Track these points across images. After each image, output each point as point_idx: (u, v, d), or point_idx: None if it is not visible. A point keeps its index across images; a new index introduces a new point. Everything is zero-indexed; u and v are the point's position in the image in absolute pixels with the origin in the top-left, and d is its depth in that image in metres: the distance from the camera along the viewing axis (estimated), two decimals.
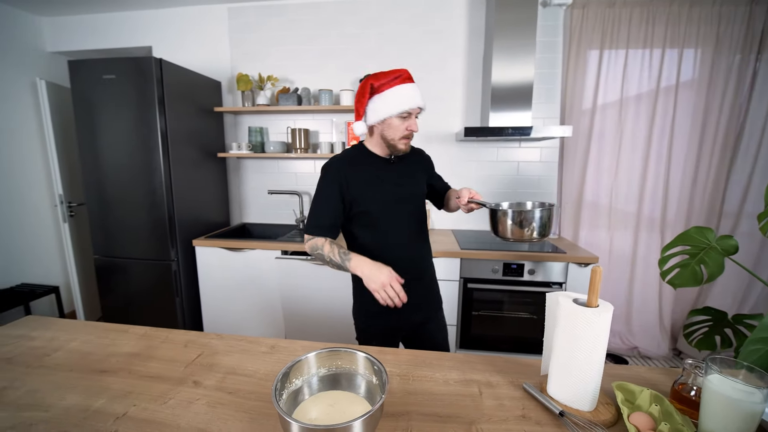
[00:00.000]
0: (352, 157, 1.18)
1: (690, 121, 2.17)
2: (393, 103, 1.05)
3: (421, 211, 1.26)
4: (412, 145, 1.23)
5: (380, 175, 1.15)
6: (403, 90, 1.06)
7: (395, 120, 1.07)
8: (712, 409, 0.61)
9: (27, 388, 0.76)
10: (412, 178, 1.21)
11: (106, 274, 2.12)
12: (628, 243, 2.38)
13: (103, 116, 1.91)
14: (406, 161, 1.21)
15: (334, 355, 0.71)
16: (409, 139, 1.11)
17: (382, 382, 0.63)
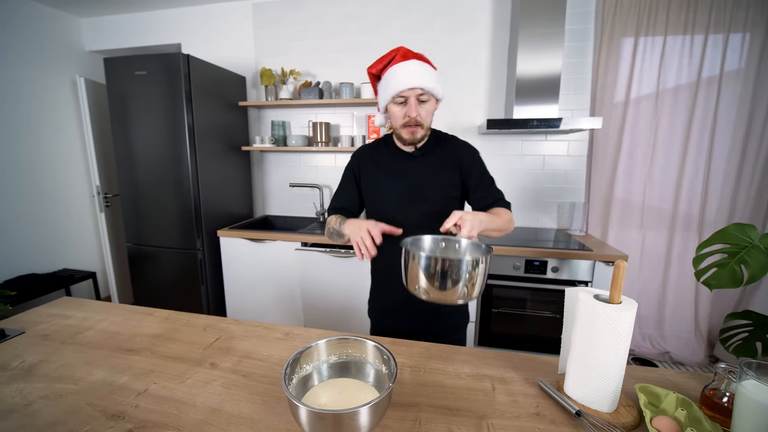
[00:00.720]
0: (376, 146, 1.12)
1: (735, 113, 2.01)
2: (386, 89, 0.95)
3: (444, 214, 1.05)
4: (453, 137, 1.10)
5: (398, 170, 1.05)
6: (394, 71, 0.93)
7: (393, 107, 0.96)
8: (745, 416, 0.56)
9: (60, 363, 0.82)
10: (436, 175, 1.04)
11: (138, 262, 2.23)
12: (662, 242, 2.25)
13: (136, 111, 2.01)
14: (435, 155, 1.05)
15: (344, 342, 0.71)
16: (410, 127, 0.96)
17: (391, 371, 0.62)
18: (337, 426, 0.53)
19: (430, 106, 0.97)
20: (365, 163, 1.09)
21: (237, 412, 0.66)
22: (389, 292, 1.10)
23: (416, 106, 0.94)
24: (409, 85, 0.91)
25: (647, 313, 2.34)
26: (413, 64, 0.93)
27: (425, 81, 0.92)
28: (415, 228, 1.03)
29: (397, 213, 1.05)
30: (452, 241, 0.85)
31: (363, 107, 2.42)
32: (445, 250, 0.85)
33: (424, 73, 0.93)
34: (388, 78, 0.94)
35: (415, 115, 0.94)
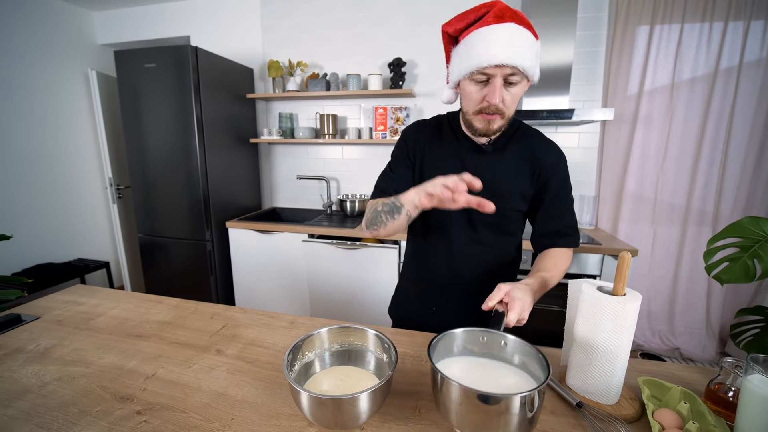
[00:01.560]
0: (437, 125, 0.90)
1: (755, 104, 1.94)
2: (464, 59, 0.72)
3: (502, 232, 0.88)
4: (538, 133, 0.87)
5: (459, 160, 0.85)
6: (481, 36, 0.68)
7: (467, 85, 0.74)
8: (750, 410, 0.55)
9: (73, 347, 0.84)
10: (507, 179, 0.84)
11: (149, 252, 2.28)
12: (674, 238, 2.20)
13: (145, 103, 2.04)
14: (511, 153, 0.84)
15: (345, 331, 0.72)
16: (488, 115, 0.74)
17: (392, 359, 0.63)
18: (336, 411, 0.54)
19: (519, 90, 0.73)
20: (420, 147, 0.88)
21: (241, 396, 0.68)
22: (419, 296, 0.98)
23: (501, 89, 0.70)
24: (499, 59, 0.67)
25: (657, 309, 2.30)
26: (509, 29, 0.67)
27: (522, 56, 0.67)
28: (467, 237, 0.88)
29: (448, 220, 0.88)
30: (496, 337, 0.64)
31: (370, 99, 2.41)
32: (487, 344, 0.65)
33: (523, 44, 0.68)
34: (470, 44, 0.70)
35: (498, 101, 0.71)
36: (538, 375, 0.58)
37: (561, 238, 0.85)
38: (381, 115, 2.26)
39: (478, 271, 0.91)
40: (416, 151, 0.89)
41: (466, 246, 0.90)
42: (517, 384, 0.59)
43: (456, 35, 0.76)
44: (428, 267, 0.96)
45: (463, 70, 0.72)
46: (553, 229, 0.85)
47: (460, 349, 0.65)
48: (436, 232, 0.91)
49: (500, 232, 0.89)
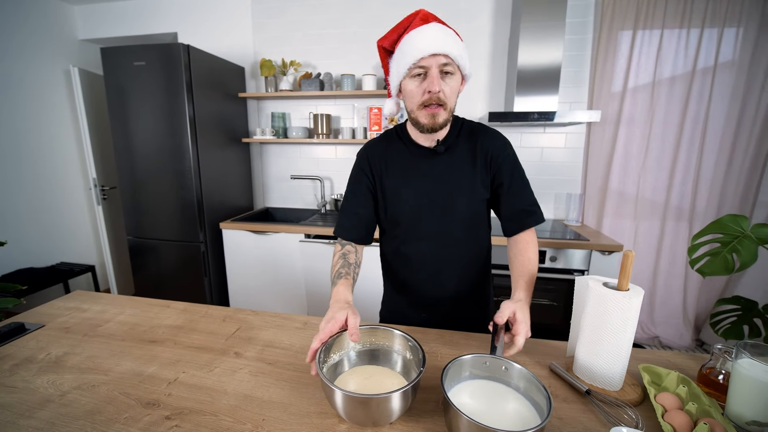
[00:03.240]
0: (386, 140, 0.94)
1: (727, 105, 2.07)
2: (401, 61, 0.77)
3: (471, 226, 0.92)
4: (481, 125, 0.91)
5: (418, 170, 0.88)
6: (411, 38, 0.75)
7: (408, 84, 0.78)
8: (741, 392, 0.62)
9: (86, 354, 0.84)
10: (465, 174, 0.87)
11: (139, 254, 2.23)
12: (654, 233, 2.33)
13: (134, 102, 1.98)
14: (462, 149, 0.88)
15: (370, 331, 0.74)
16: (431, 107, 0.78)
17: (418, 358, 0.66)
18: (373, 409, 0.57)
19: (455, 83, 0.78)
20: (375, 163, 0.91)
21: (268, 397, 0.70)
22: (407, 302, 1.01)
23: (438, 78, 0.75)
24: (431, 49, 0.73)
25: None
26: (435, 27, 0.75)
27: (451, 46, 0.74)
28: (441, 242, 0.90)
29: (418, 223, 0.90)
30: (498, 362, 0.67)
31: (364, 99, 2.42)
32: (489, 368, 0.68)
33: (449, 38, 0.75)
34: (404, 47, 0.76)
35: (438, 89, 0.75)
36: (536, 399, 0.61)
37: (529, 217, 0.89)
38: (375, 116, 2.28)
39: (458, 269, 0.95)
40: (373, 169, 0.92)
41: (443, 248, 0.92)
42: (518, 410, 0.61)
43: (391, 48, 0.82)
44: (409, 275, 0.96)
45: (401, 70, 0.77)
46: (519, 209, 0.88)
47: (467, 375, 0.68)
48: (411, 240, 0.93)
49: (471, 226, 0.92)
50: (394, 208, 0.91)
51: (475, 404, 0.63)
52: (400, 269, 0.99)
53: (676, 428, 0.58)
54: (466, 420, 0.53)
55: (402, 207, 0.90)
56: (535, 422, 0.58)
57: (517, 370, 0.65)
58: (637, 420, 0.63)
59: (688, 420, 0.59)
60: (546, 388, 0.58)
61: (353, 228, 0.92)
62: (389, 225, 0.95)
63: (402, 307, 1.02)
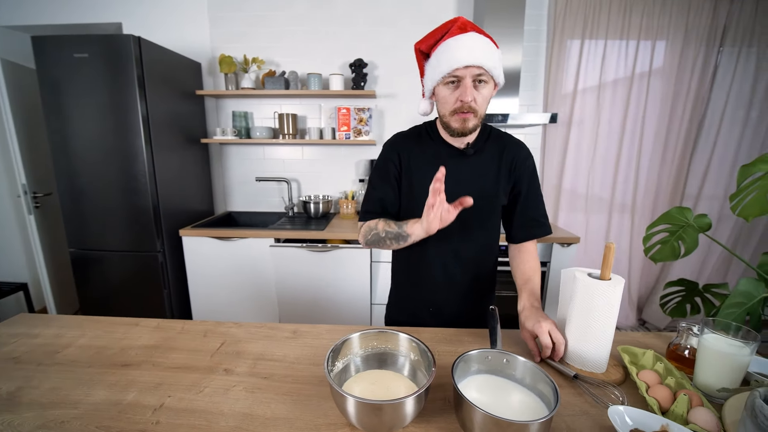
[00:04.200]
0: (416, 136, 0.96)
1: (660, 108, 2.34)
2: (436, 68, 0.80)
3: (488, 228, 0.96)
4: (507, 134, 0.96)
5: (445, 166, 0.86)
6: (448, 46, 0.78)
7: (442, 90, 0.82)
8: (707, 363, 0.70)
9: (47, 386, 0.73)
10: (489, 178, 0.92)
11: (84, 268, 2.00)
12: (602, 225, 2.56)
13: (75, 99, 1.77)
14: (489, 154, 0.92)
15: (374, 336, 0.73)
16: (462, 113, 0.81)
17: (427, 360, 0.66)
18: (388, 414, 0.56)
19: (488, 92, 0.82)
20: (405, 155, 0.93)
21: (270, 414, 0.66)
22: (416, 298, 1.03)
23: (472, 88, 0.78)
24: (466, 62, 0.76)
25: None
26: (472, 37, 0.77)
27: (486, 58, 0.77)
28: (460, 241, 0.93)
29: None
30: (498, 355, 0.70)
31: (331, 99, 2.38)
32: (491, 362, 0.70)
33: (486, 48, 0.78)
34: (440, 55, 0.79)
35: (470, 99, 0.78)
36: (539, 388, 0.64)
37: (539, 228, 0.95)
38: (344, 116, 2.25)
39: (470, 266, 0.99)
40: (401, 161, 0.94)
41: (460, 245, 0.96)
42: (523, 401, 0.64)
43: (428, 51, 0.84)
44: (424, 270, 0.99)
45: (436, 77, 0.81)
46: (531, 218, 0.95)
47: (473, 370, 0.70)
48: (431, 238, 0.91)
49: (487, 227, 0.97)
50: (419, 202, 0.89)
51: (483, 398, 0.64)
52: (414, 265, 1.00)
53: (660, 401, 0.65)
54: (481, 414, 0.54)
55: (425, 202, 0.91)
56: (541, 411, 0.62)
57: (519, 362, 0.68)
58: (622, 398, 0.69)
59: (669, 393, 0.66)
60: (550, 378, 0.62)
61: (379, 214, 0.95)
62: (410, 217, 0.93)
63: (412, 302, 1.04)
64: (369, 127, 2.29)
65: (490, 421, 0.54)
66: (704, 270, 2.52)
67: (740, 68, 2.23)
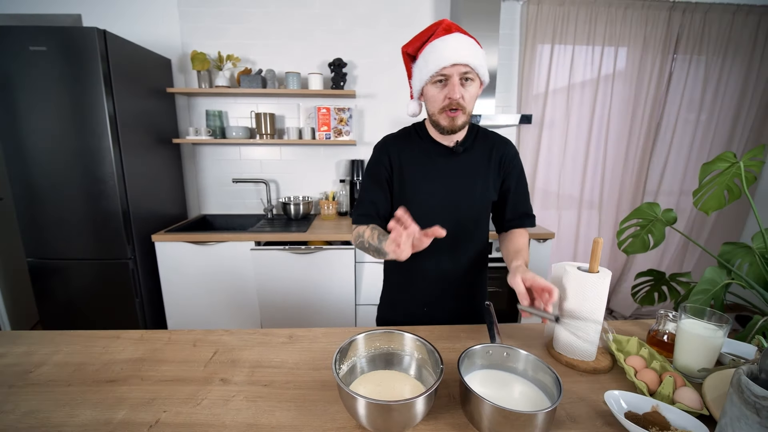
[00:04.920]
0: (406, 136, 0.97)
1: (623, 109, 2.49)
2: (423, 68, 0.83)
3: (479, 224, 0.98)
4: (495, 133, 0.99)
5: (435, 166, 0.93)
6: (435, 47, 0.80)
7: (430, 89, 0.84)
8: (685, 346, 0.76)
9: (23, 410, 0.67)
10: (480, 175, 0.94)
11: (44, 278, 1.84)
12: (572, 221, 2.69)
13: (31, 96, 1.62)
14: (478, 151, 0.95)
15: (376, 336, 0.73)
16: (450, 111, 0.83)
17: (434, 359, 0.67)
18: (400, 414, 0.57)
19: (474, 89, 0.84)
20: (395, 157, 0.94)
21: (276, 422, 0.64)
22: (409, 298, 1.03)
23: (459, 86, 0.81)
24: (453, 60, 0.78)
25: None
26: (457, 37, 0.81)
27: (472, 56, 0.80)
28: (453, 238, 0.93)
29: (432, 220, 0.89)
30: (498, 349, 0.72)
31: (310, 98, 2.34)
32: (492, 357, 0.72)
33: (471, 47, 0.81)
34: (427, 55, 0.82)
35: (459, 96, 0.81)
36: (540, 379, 0.67)
37: (526, 219, 1.00)
38: (324, 116, 2.22)
39: (462, 263, 1.01)
40: (392, 162, 0.95)
41: (452, 242, 0.96)
42: (525, 392, 0.66)
43: (414, 53, 0.87)
44: (417, 268, 0.99)
45: (424, 77, 0.83)
46: (520, 212, 1.00)
47: (476, 364, 0.72)
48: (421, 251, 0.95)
49: (478, 224, 0.99)
50: (412, 202, 0.93)
51: (488, 391, 0.66)
52: (407, 263, 0.98)
53: (648, 384, 0.69)
54: (490, 406, 0.56)
55: (420, 201, 0.93)
56: (543, 401, 0.64)
57: (520, 356, 0.71)
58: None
59: (656, 375, 0.71)
60: (551, 369, 0.64)
61: (373, 217, 0.95)
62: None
63: (404, 301, 1.04)
64: (349, 127, 2.28)
65: (498, 413, 0.56)
66: (664, 260, 2.73)
67: (691, 74, 2.43)
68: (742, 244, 1.13)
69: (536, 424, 0.55)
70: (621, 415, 0.60)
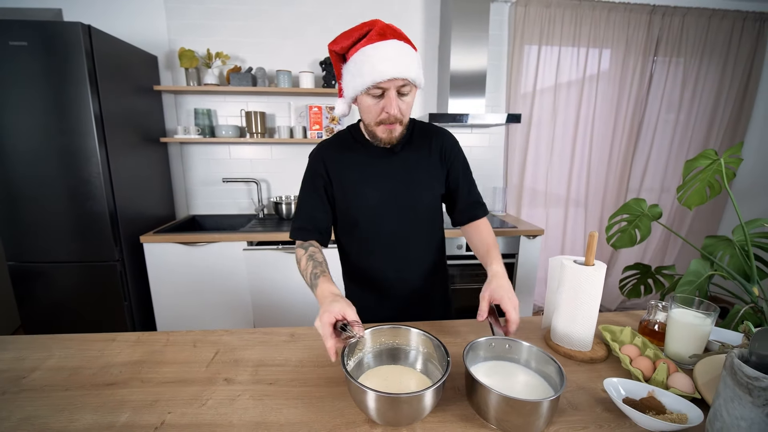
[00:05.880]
0: (340, 141, 0.93)
1: (607, 109, 2.57)
2: (356, 76, 0.75)
3: (431, 220, 0.97)
4: (431, 125, 0.96)
5: (374, 168, 0.90)
6: (368, 55, 0.73)
7: (364, 99, 0.78)
8: (676, 334, 0.79)
9: (18, 417, 0.65)
10: (421, 171, 0.92)
11: (26, 282, 1.77)
12: (560, 218, 2.76)
13: (12, 92, 1.56)
14: (416, 147, 0.92)
15: (383, 332, 0.74)
16: (388, 124, 0.80)
17: (440, 353, 0.68)
18: (417, 406, 0.58)
19: (411, 98, 0.80)
20: (332, 165, 0.90)
21: (284, 420, 0.64)
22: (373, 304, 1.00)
23: (396, 100, 0.77)
24: (390, 74, 0.72)
25: None
26: (394, 46, 0.74)
27: (410, 69, 0.75)
28: (403, 239, 0.93)
29: (380, 223, 0.92)
30: (500, 342, 0.74)
31: (302, 97, 2.32)
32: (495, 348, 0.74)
33: (407, 57, 0.75)
34: (360, 62, 0.74)
35: (396, 111, 0.77)
36: (542, 369, 0.69)
37: (479, 208, 0.97)
38: (316, 114, 2.21)
39: (421, 262, 0.99)
40: (329, 171, 0.91)
41: (407, 243, 0.95)
42: (528, 382, 0.68)
43: (343, 53, 0.79)
44: (375, 273, 0.97)
45: (358, 87, 0.76)
46: (471, 201, 0.96)
47: (479, 357, 0.74)
48: (375, 238, 0.94)
49: (431, 220, 0.97)
50: (357, 208, 0.91)
51: (493, 382, 0.68)
52: (364, 268, 0.99)
53: (643, 371, 0.72)
54: (497, 395, 0.58)
55: (365, 206, 0.91)
56: (546, 389, 0.66)
57: (522, 347, 0.73)
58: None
59: (650, 363, 0.74)
60: (554, 358, 0.67)
61: (311, 230, 0.91)
62: (350, 225, 0.94)
63: (370, 305, 0.98)
64: (341, 126, 2.27)
65: (505, 402, 0.58)
66: (647, 254, 2.82)
67: (671, 76, 2.53)
68: (723, 237, 1.19)
69: (541, 412, 0.57)
70: (620, 401, 0.62)
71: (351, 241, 0.98)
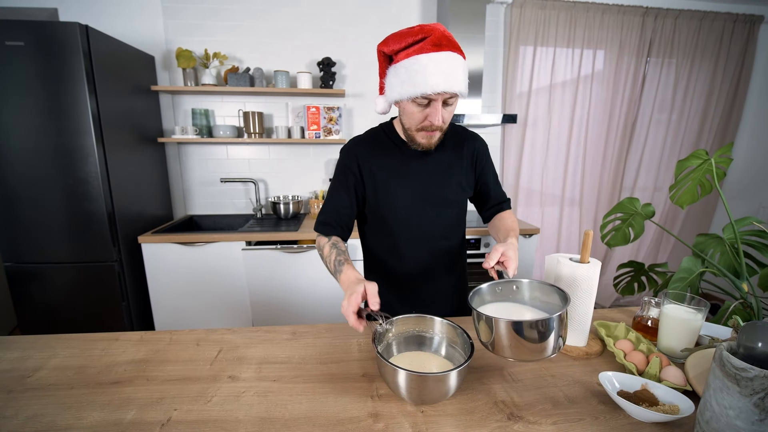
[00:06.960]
0: (375, 139, 0.94)
1: (601, 111, 2.61)
2: (406, 82, 0.75)
3: (457, 221, 0.99)
4: (463, 128, 0.99)
5: (408, 168, 0.91)
6: (422, 64, 0.72)
7: (409, 105, 0.79)
8: (668, 329, 0.82)
9: (25, 415, 0.66)
10: (452, 173, 0.94)
11: (24, 283, 1.76)
12: (555, 217, 2.79)
13: (7, 93, 1.55)
14: (449, 149, 0.94)
15: (410, 321, 0.78)
16: (429, 132, 0.82)
17: (463, 339, 0.71)
18: (438, 385, 0.62)
19: (454, 107, 0.82)
20: (365, 161, 0.92)
21: (289, 415, 0.66)
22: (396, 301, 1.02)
23: (441, 110, 0.78)
24: (442, 88, 0.73)
25: None
26: (448, 58, 0.73)
27: (459, 83, 0.75)
28: (432, 237, 0.96)
29: (409, 222, 0.94)
30: (510, 284, 0.76)
31: (299, 97, 2.33)
32: (502, 293, 0.77)
33: (459, 69, 0.75)
34: (412, 70, 0.73)
35: (440, 122, 0.79)
36: (550, 301, 0.72)
37: (505, 202, 1.03)
38: (314, 114, 2.22)
39: (446, 261, 1.02)
40: (361, 168, 0.92)
41: (434, 243, 0.98)
42: (533, 316, 0.71)
43: (392, 55, 0.79)
44: (400, 270, 0.99)
45: (405, 93, 0.76)
46: (500, 199, 1.03)
47: (485, 301, 0.76)
48: (403, 237, 0.95)
49: (457, 222, 1.01)
50: (387, 206, 0.93)
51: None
52: (388, 265, 1.02)
53: (636, 365, 0.75)
54: (505, 322, 0.61)
55: (395, 205, 0.93)
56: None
57: (527, 284, 0.75)
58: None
59: (643, 357, 0.76)
60: (558, 286, 0.70)
61: (334, 226, 0.93)
62: (378, 222, 0.97)
63: (391, 301, 1.01)
64: (339, 126, 2.28)
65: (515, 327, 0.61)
66: (640, 252, 2.87)
67: (663, 77, 2.57)
68: (714, 235, 1.22)
69: (552, 327, 0.62)
70: (614, 394, 0.64)
71: (377, 238, 1.00)
